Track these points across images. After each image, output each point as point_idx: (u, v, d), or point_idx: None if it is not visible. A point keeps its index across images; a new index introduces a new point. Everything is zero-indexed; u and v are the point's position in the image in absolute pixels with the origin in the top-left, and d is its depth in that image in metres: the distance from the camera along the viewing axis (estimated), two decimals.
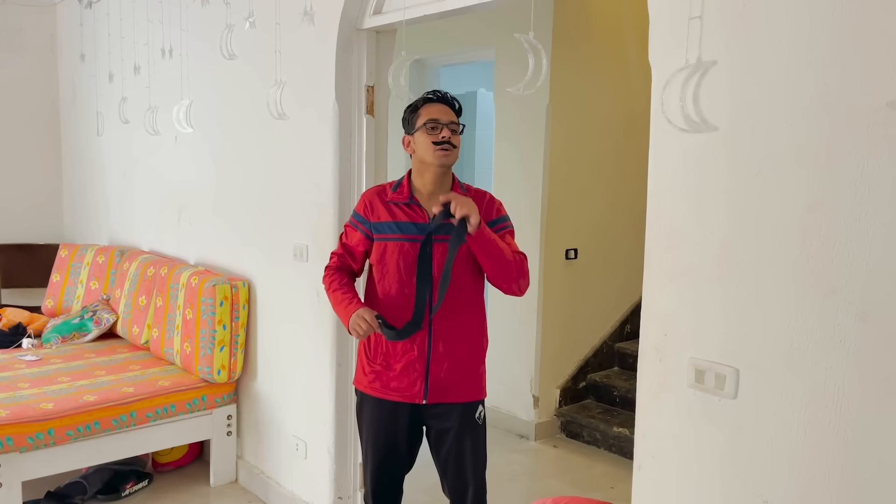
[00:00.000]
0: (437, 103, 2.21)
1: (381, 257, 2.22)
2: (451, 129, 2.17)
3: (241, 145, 3.34)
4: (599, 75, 4.15)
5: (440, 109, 2.19)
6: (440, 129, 2.16)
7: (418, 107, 2.23)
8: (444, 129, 2.16)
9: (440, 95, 2.24)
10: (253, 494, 3.35)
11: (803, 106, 1.50)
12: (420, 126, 2.19)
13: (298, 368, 3.07)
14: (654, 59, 1.76)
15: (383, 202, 2.26)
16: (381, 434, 2.28)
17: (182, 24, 3.56)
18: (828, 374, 1.50)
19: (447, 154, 2.16)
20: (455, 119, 2.21)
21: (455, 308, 2.19)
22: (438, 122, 2.16)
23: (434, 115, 2.17)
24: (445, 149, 2.15)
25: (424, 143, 2.18)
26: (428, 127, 2.17)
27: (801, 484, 1.55)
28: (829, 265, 1.48)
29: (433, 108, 2.20)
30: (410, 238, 2.19)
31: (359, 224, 2.28)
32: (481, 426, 2.28)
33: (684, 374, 1.74)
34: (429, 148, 2.16)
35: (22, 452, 2.78)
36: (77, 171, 4.97)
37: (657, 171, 1.79)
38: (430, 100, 2.23)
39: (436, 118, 2.17)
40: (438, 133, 2.15)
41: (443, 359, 2.19)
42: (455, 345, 2.20)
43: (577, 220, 4.18)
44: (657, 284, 1.80)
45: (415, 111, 2.24)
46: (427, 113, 2.19)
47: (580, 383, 4.34)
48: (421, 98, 2.26)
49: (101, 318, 3.95)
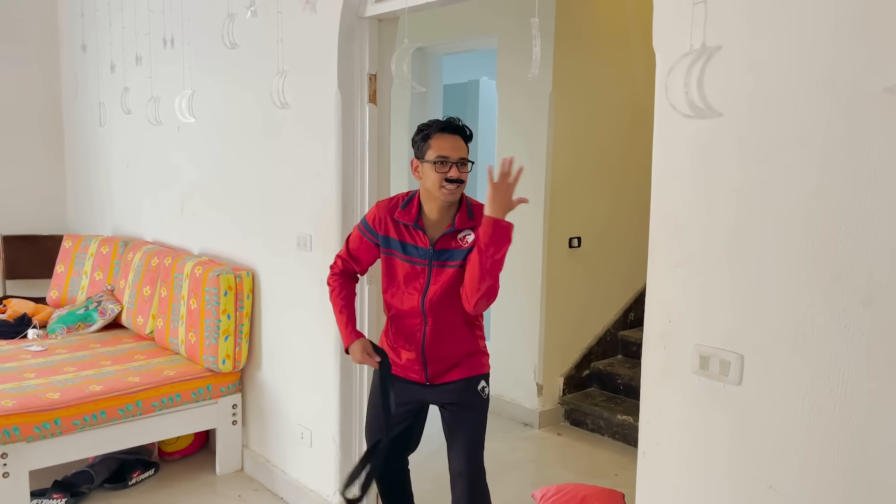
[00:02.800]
0: (449, 134, 2.17)
1: (390, 270, 2.29)
2: (461, 165, 2.15)
3: (243, 135, 3.33)
4: (603, 62, 4.13)
5: (451, 143, 2.15)
6: (449, 167, 2.13)
7: (429, 136, 2.18)
8: (453, 167, 2.13)
9: (453, 125, 2.19)
10: (258, 483, 3.37)
11: (808, 91, 1.50)
12: (430, 159, 2.16)
13: (303, 357, 3.08)
14: (659, 44, 1.75)
15: (392, 219, 2.27)
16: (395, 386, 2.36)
17: (183, 13, 3.55)
18: (833, 360, 1.49)
19: (452, 192, 2.15)
20: (465, 152, 2.18)
21: (444, 324, 2.25)
22: (448, 160, 2.13)
23: (444, 152, 2.14)
24: (450, 188, 2.14)
25: (432, 178, 2.15)
26: (438, 163, 2.14)
27: (806, 469, 1.55)
28: (834, 251, 1.48)
29: (444, 140, 2.16)
30: (412, 261, 2.23)
31: (367, 233, 2.32)
32: (484, 400, 2.32)
33: (689, 361, 1.74)
34: (436, 183, 2.15)
35: (29, 442, 2.80)
36: (80, 162, 4.97)
37: (662, 157, 1.78)
38: (442, 128, 2.18)
39: (445, 155, 2.13)
40: (446, 170, 2.13)
41: (437, 360, 2.28)
42: (446, 346, 2.27)
43: (580, 209, 4.17)
44: (661, 271, 1.80)
45: (426, 139, 2.19)
46: (437, 146, 2.15)
47: (584, 371, 4.34)
48: (434, 125, 2.20)
49: (106, 308, 3.97)
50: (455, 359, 2.29)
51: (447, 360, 2.28)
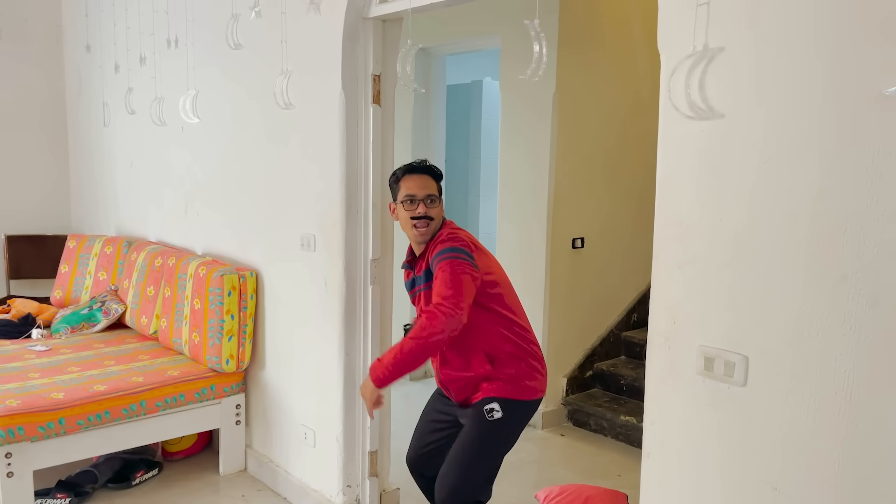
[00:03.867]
0: (417, 174, 2.32)
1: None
2: (429, 202, 2.28)
3: (247, 135, 3.34)
4: (606, 64, 4.13)
5: (418, 182, 2.29)
6: (416, 204, 2.27)
7: (399, 178, 2.34)
8: (420, 204, 2.27)
9: (420, 166, 2.34)
10: (262, 483, 3.37)
11: (812, 92, 1.49)
12: (400, 199, 2.32)
13: (306, 357, 3.08)
14: (663, 46, 1.75)
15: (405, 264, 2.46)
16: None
17: (187, 13, 3.55)
18: (838, 362, 1.49)
19: (423, 232, 2.28)
20: (434, 190, 2.31)
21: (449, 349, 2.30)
22: (415, 198, 2.27)
23: (411, 191, 2.28)
24: (419, 225, 2.27)
25: (404, 217, 2.31)
26: (406, 202, 2.28)
27: (810, 471, 1.55)
28: (839, 252, 1.47)
29: (412, 180, 2.30)
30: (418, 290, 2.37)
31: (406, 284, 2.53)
32: (488, 421, 2.26)
33: (693, 362, 1.74)
34: (407, 223, 2.29)
35: (33, 442, 2.81)
36: (84, 162, 4.98)
37: (666, 158, 1.78)
38: (410, 170, 2.33)
39: (412, 194, 2.28)
40: (415, 208, 2.27)
41: (451, 382, 2.35)
42: (455, 370, 2.33)
43: (583, 209, 4.17)
44: (666, 272, 1.80)
45: (397, 181, 2.35)
46: (406, 187, 2.30)
47: (587, 372, 4.34)
48: (402, 168, 2.36)
49: (110, 308, 3.97)
50: (467, 381, 2.31)
51: (459, 382, 2.32)
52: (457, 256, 2.17)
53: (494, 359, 2.28)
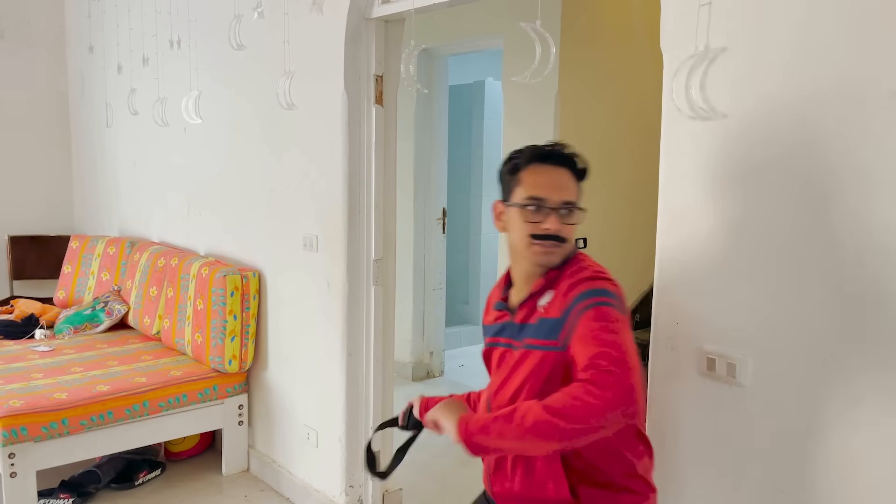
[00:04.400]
0: (550, 165, 1.49)
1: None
2: (564, 212, 1.47)
3: (249, 136, 3.34)
4: (609, 64, 4.13)
5: (552, 179, 1.48)
6: (545, 214, 1.46)
7: (518, 166, 1.51)
8: (551, 215, 1.46)
9: (555, 153, 1.51)
10: (264, 483, 3.37)
11: (813, 93, 1.49)
12: (518, 201, 1.49)
13: (309, 358, 3.08)
14: (666, 46, 1.75)
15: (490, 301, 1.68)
16: None
17: (190, 14, 3.56)
18: (841, 363, 1.49)
19: (548, 257, 1.47)
20: (573, 194, 1.49)
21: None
22: (543, 204, 1.46)
23: (541, 191, 1.46)
24: (545, 246, 1.46)
25: (519, 230, 1.48)
26: (529, 207, 1.47)
27: (813, 472, 1.55)
28: (843, 253, 1.47)
29: (542, 174, 1.48)
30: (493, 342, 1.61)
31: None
32: None
33: (696, 363, 1.74)
34: (524, 238, 1.48)
35: (36, 442, 2.81)
36: (87, 162, 4.99)
37: (669, 159, 1.78)
38: (539, 157, 1.50)
39: (541, 196, 1.46)
40: (542, 220, 1.46)
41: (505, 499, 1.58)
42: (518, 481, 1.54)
43: (586, 209, 4.15)
44: (669, 273, 1.80)
45: (515, 171, 1.51)
46: (531, 182, 1.47)
47: None
48: (527, 152, 1.52)
49: (113, 308, 3.98)
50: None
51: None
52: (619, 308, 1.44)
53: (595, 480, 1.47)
